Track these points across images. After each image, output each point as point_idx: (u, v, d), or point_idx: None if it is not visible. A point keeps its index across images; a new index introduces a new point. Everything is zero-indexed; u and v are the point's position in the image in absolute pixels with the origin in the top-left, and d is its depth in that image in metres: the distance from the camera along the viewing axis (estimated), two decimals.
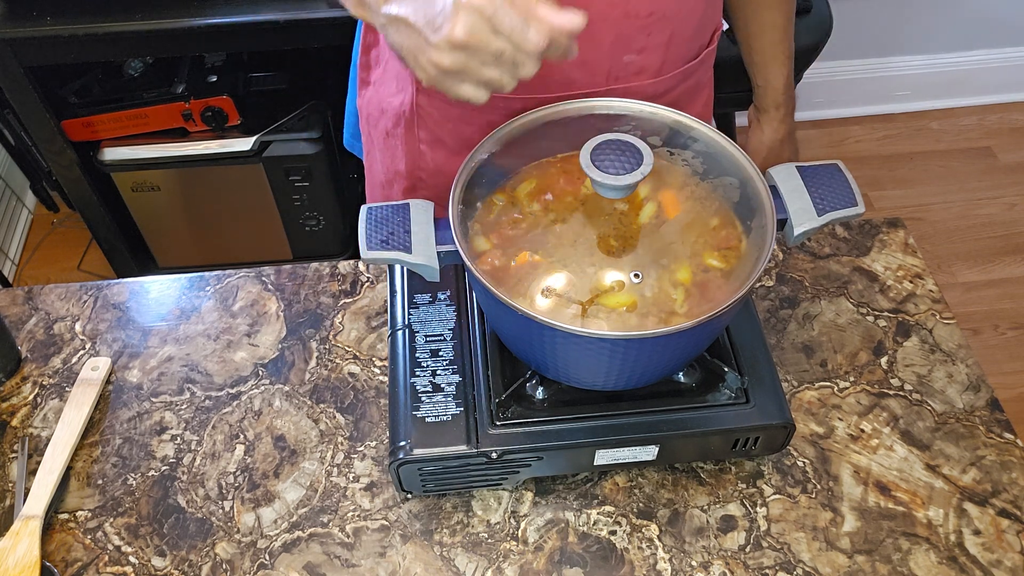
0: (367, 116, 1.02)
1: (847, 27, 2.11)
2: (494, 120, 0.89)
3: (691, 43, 0.89)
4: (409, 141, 0.95)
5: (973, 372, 0.87)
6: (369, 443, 0.83)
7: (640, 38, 0.83)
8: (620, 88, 0.86)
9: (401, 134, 0.96)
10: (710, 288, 0.68)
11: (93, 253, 2.10)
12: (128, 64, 1.66)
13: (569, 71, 0.84)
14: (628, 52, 0.84)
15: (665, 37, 0.84)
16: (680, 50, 0.88)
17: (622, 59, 0.84)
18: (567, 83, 0.85)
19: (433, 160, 0.96)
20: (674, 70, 0.89)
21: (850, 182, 0.72)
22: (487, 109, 0.88)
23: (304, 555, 0.76)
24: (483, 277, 0.65)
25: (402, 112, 0.94)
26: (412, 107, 0.92)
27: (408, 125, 0.94)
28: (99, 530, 0.78)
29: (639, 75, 0.87)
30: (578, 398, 0.76)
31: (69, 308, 0.94)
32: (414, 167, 0.97)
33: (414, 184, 0.99)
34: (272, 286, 0.96)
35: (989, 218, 2.19)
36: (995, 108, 2.43)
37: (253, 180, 1.72)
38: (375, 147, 1.03)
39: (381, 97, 0.97)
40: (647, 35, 0.83)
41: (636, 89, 0.87)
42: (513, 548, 0.76)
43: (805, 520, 0.77)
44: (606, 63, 0.84)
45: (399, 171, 0.99)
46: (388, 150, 0.99)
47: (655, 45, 0.85)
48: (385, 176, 1.03)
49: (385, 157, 1.01)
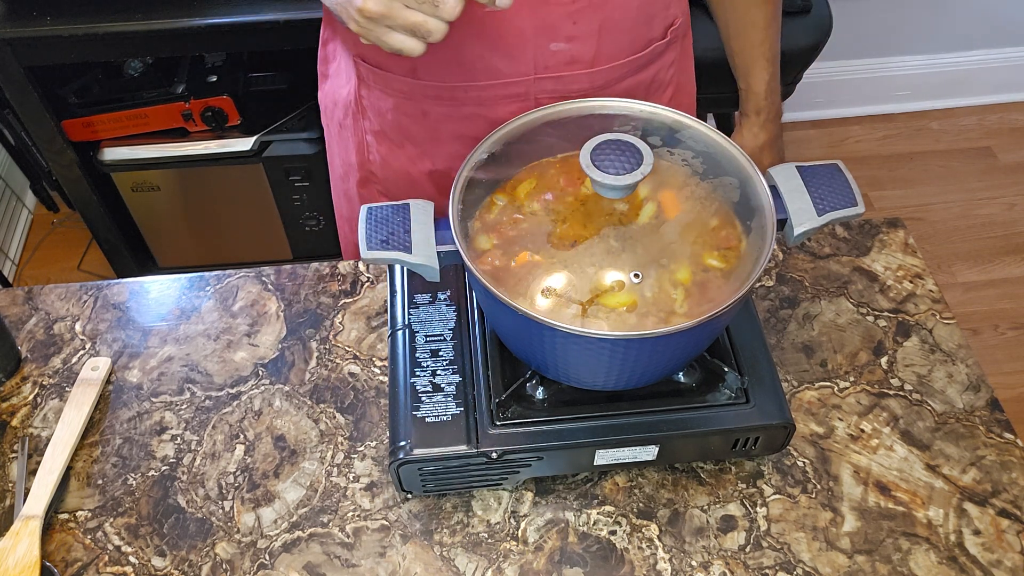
0: (324, 108, 1.02)
1: (847, 27, 2.11)
2: (428, 110, 0.89)
3: (631, 34, 0.87)
4: (357, 132, 0.96)
5: (973, 372, 0.87)
6: (369, 443, 0.83)
7: (566, 26, 0.82)
8: (550, 77, 0.85)
9: (350, 125, 0.96)
10: (710, 288, 0.68)
11: (93, 253, 2.11)
12: (128, 64, 1.66)
13: (493, 59, 0.84)
14: (555, 40, 0.83)
15: (595, 26, 0.83)
16: (618, 41, 0.86)
17: (548, 48, 0.83)
18: (492, 71, 0.84)
19: (379, 152, 0.96)
20: (613, 62, 0.87)
21: (850, 182, 0.72)
22: (419, 97, 0.88)
23: (304, 555, 0.76)
24: (483, 277, 0.65)
25: (349, 102, 0.94)
26: (356, 97, 0.92)
27: (355, 116, 0.95)
28: (99, 530, 0.78)
29: (570, 65, 0.85)
30: (578, 398, 0.76)
31: (69, 308, 0.94)
32: (363, 159, 0.98)
33: (366, 176, 0.99)
34: (272, 286, 0.96)
35: (989, 218, 2.19)
36: (995, 108, 2.43)
37: (253, 180, 1.72)
38: (333, 140, 1.03)
39: (335, 89, 0.97)
40: (573, 23, 0.82)
41: (569, 79, 0.86)
42: (513, 548, 0.76)
43: (805, 520, 0.77)
44: (530, 51, 0.83)
45: (351, 163, 1.00)
46: (342, 142, 1.00)
47: (585, 34, 0.83)
48: (342, 168, 1.03)
49: (340, 149, 1.01)
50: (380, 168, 0.97)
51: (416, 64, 0.86)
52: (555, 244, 0.70)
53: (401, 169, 0.96)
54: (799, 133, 2.39)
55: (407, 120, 0.91)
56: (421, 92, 0.88)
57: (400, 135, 0.93)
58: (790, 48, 1.65)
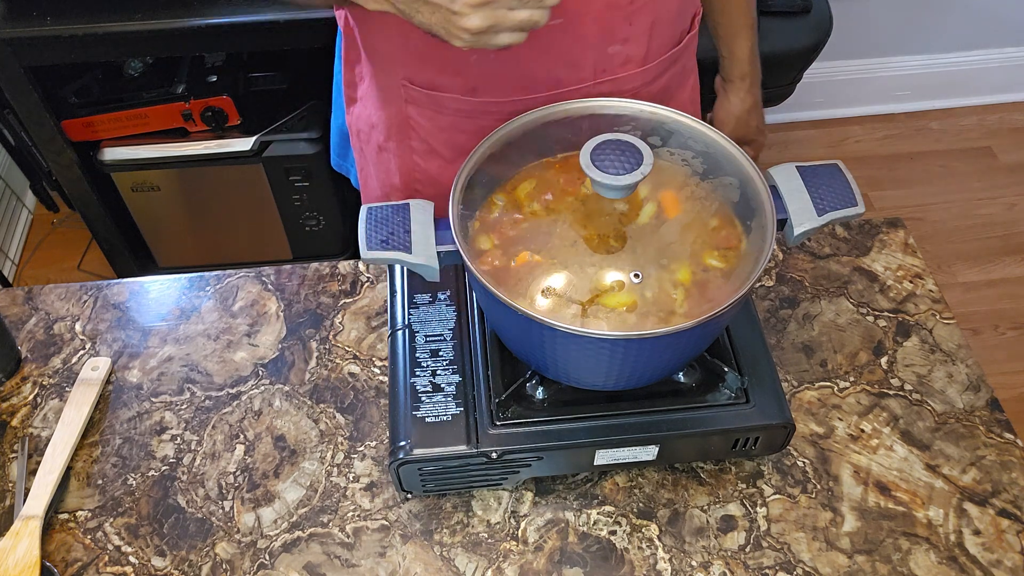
0: (357, 132, 1.01)
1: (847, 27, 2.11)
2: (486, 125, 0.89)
3: (673, 28, 0.89)
4: (402, 153, 0.95)
5: (973, 372, 0.87)
6: (369, 443, 0.83)
7: (624, 27, 0.83)
8: (608, 80, 0.86)
9: (393, 147, 0.96)
10: (710, 288, 0.68)
11: (93, 253, 2.10)
12: (128, 64, 1.66)
13: (556, 69, 0.84)
14: (613, 43, 0.84)
15: (648, 24, 0.84)
16: (663, 37, 0.88)
17: (607, 51, 0.84)
18: (553, 82, 0.85)
19: (428, 170, 0.96)
20: (659, 57, 0.88)
21: (850, 182, 0.72)
22: (477, 115, 0.88)
23: (304, 555, 0.76)
24: (483, 277, 0.65)
25: (391, 125, 0.93)
26: (402, 119, 0.92)
27: (401, 137, 0.94)
28: (99, 530, 0.78)
29: (625, 65, 0.86)
30: (578, 398, 0.76)
31: (69, 308, 0.94)
32: (410, 179, 0.97)
33: (410, 196, 0.99)
34: (272, 286, 0.96)
35: (989, 218, 2.19)
36: (995, 108, 2.43)
37: (253, 180, 1.72)
38: (368, 163, 1.02)
39: (370, 112, 0.96)
40: (630, 24, 0.83)
41: (624, 80, 0.87)
42: (513, 548, 0.76)
43: (805, 520, 0.77)
44: (592, 57, 0.84)
45: (395, 184, 0.99)
46: (382, 164, 0.99)
47: (638, 34, 0.84)
48: (381, 191, 1.02)
49: (380, 172, 1.00)
50: (427, 185, 0.97)
51: (476, 84, 0.85)
52: (555, 244, 0.70)
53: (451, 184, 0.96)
54: (799, 133, 2.39)
55: (463, 137, 0.91)
56: (480, 110, 0.87)
57: (454, 151, 0.93)
58: (790, 48, 1.66)
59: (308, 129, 1.67)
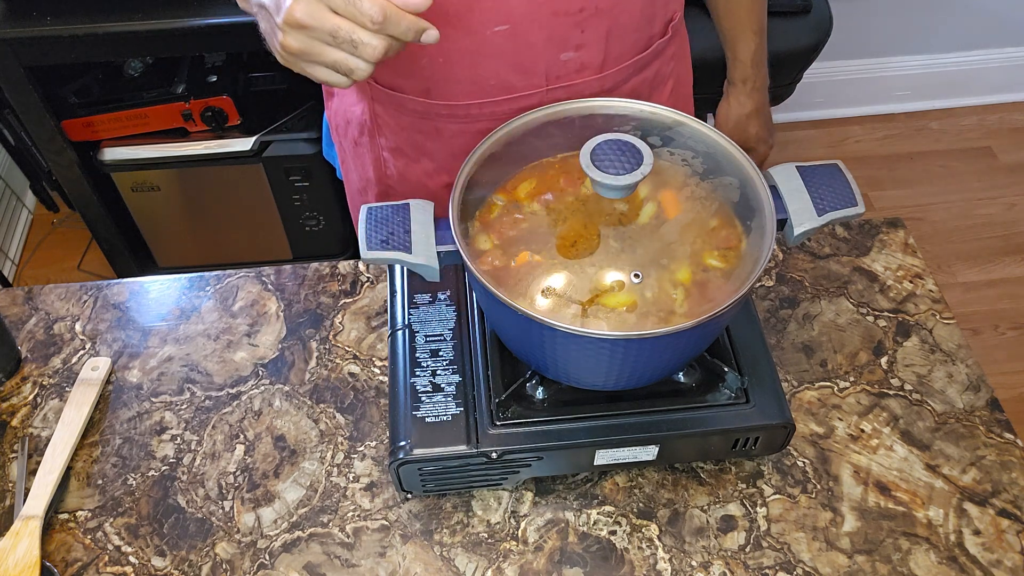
0: (335, 126, 1.02)
1: (847, 27, 2.11)
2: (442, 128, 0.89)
3: (636, 34, 0.87)
4: (373, 150, 0.96)
5: (973, 372, 0.87)
6: (369, 443, 0.83)
7: (575, 35, 0.82)
8: (562, 87, 0.85)
9: (366, 143, 0.97)
10: (710, 288, 0.68)
11: (93, 253, 2.11)
12: (128, 64, 1.66)
13: (505, 74, 0.84)
14: (565, 50, 0.83)
15: (603, 32, 0.83)
16: (624, 43, 0.86)
17: (559, 57, 0.83)
18: (505, 87, 0.84)
19: (396, 167, 0.96)
20: (620, 64, 0.87)
21: (850, 182, 0.72)
22: (433, 116, 0.88)
23: (304, 555, 0.76)
24: (483, 277, 0.65)
25: (364, 121, 0.94)
26: (371, 116, 0.92)
27: (371, 134, 0.95)
28: (99, 530, 0.78)
29: (580, 72, 0.85)
30: (578, 398, 0.76)
31: (69, 308, 0.94)
32: (381, 175, 0.98)
33: (384, 190, 1.00)
34: (272, 286, 0.96)
35: (989, 218, 2.19)
36: (995, 108, 2.43)
37: (253, 180, 1.72)
38: (347, 156, 1.03)
39: (345, 107, 0.98)
40: (581, 31, 0.82)
41: (581, 87, 0.86)
42: (513, 548, 0.76)
43: (805, 520, 0.77)
44: (542, 63, 0.83)
45: (369, 178, 1.00)
46: (358, 158, 1.00)
47: (593, 40, 0.83)
48: (360, 183, 1.03)
49: (357, 165, 1.02)
50: (398, 182, 0.98)
51: (429, 85, 0.85)
52: (555, 244, 0.70)
53: (419, 183, 0.96)
54: (799, 133, 2.39)
55: (422, 137, 0.91)
56: (435, 111, 0.88)
57: (416, 151, 0.93)
58: (790, 48, 1.66)
59: (308, 129, 1.67)
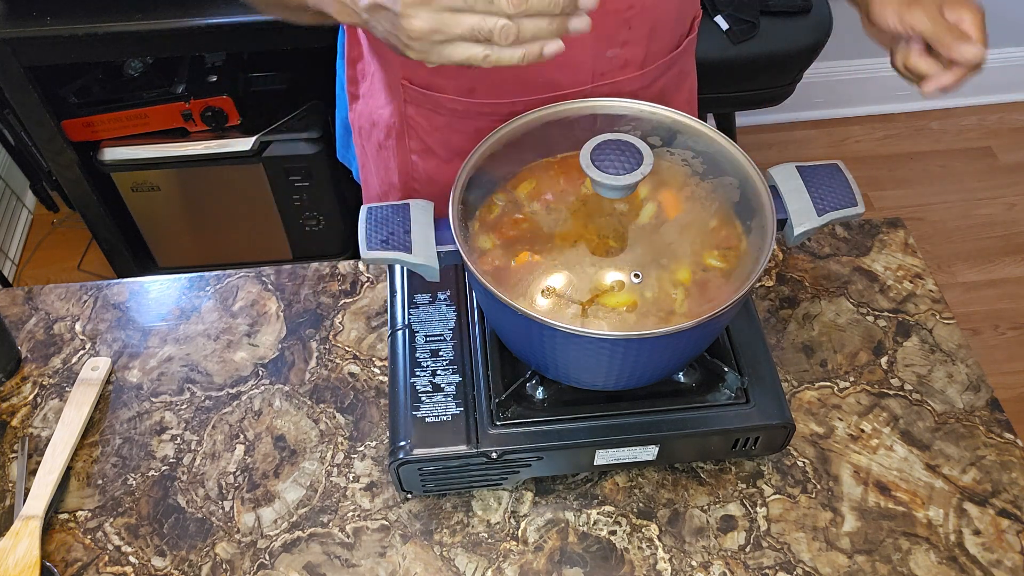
0: (359, 129, 1.01)
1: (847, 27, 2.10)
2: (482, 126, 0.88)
3: (672, 32, 0.89)
4: (401, 152, 0.95)
5: (973, 372, 0.87)
6: (369, 443, 0.83)
7: (622, 32, 0.83)
8: (606, 84, 0.86)
9: (392, 146, 0.96)
10: (710, 288, 0.68)
11: (93, 253, 2.10)
12: (128, 64, 1.66)
13: (552, 72, 0.84)
14: (611, 47, 0.84)
15: (647, 29, 0.84)
16: (663, 41, 0.88)
17: (605, 55, 0.84)
18: (551, 84, 0.84)
19: (425, 170, 0.96)
20: (658, 61, 0.88)
21: (850, 182, 0.72)
22: (474, 116, 0.88)
23: (304, 555, 0.76)
24: (483, 277, 0.65)
25: (392, 123, 0.94)
26: (401, 118, 0.92)
27: (399, 136, 0.94)
28: (99, 530, 0.78)
29: (624, 69, 0.86)
30: (578, 398, 0.76)
31: (69, 308, 0.94)
32: (407, 178, 0.98)
33: (408, 195, 0.99)
34: (272, 286, 0.96)
35: (989, 218, 2.19)
36: (995, 108, 2.43)
37: (253, 180, 1.72)
38: (369, 160, 1.02)
39: (371, 110, 0.97)
40: (628, 28, 0.83)
41: (622, 83, 0.87)
42: (513, 548, 0.76)
43: (805, 520, 0.77)
44: (589, 61, 0.84)
45: (393, 183, 0.99)
46: (381, 162, 0.99)
47: (637, 38, 0.84)
48: (380, 188, 1.03)
49: (379, 169, 1.01)
50: (424, 184, 0.97)
51: (474, 84, 0.85)
52: (555, 244, 0.70)
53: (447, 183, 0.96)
54: (799, 133, 2.39)
55: (458, 137, 0.90)
56: (476, 110, 0.87)
57: (449, 152, 0.93)
58: (790, 48, 1.66)
59: (308, 129, 1.67)
